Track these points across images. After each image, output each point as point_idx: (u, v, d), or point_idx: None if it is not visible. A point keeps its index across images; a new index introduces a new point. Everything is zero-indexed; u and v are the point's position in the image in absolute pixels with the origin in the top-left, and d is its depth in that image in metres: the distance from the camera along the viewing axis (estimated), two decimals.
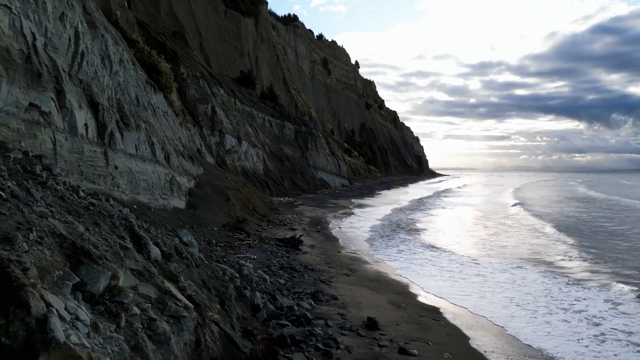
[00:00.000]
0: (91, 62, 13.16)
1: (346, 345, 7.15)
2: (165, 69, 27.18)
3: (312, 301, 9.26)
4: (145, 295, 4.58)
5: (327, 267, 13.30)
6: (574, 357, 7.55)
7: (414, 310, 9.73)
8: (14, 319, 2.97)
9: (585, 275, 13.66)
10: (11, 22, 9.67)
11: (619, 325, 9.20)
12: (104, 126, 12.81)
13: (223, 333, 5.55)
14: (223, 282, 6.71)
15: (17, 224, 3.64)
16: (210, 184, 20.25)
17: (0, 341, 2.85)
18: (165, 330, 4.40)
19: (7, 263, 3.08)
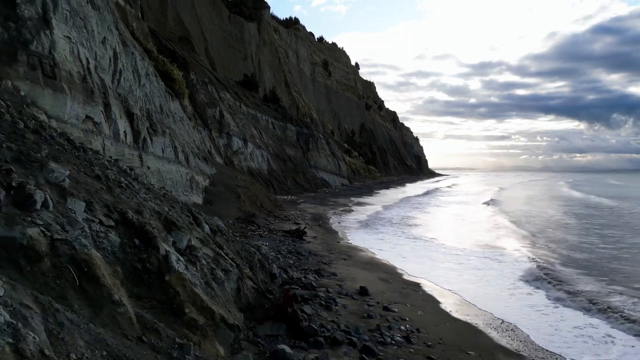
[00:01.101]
0: (126, 78, 15.42)
1: (343, 304, 9.40)
2: (178, 76, 29.41)
3: (316, 275, 11.53)
4: (207, 254, 6.83)
5: (328, 253, 15.56)
6: (502, 311, 9.95)
7: (398, 284, 11.98)
8: (151, 255, 5.22)
9: (523, 259, 16.03)
10: (71, 50, 11.94)
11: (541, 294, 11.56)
12: (138, 132, 15.06)
13: (254, 286, 7.81)
14: (250, 254, 8.97)
15: (137, 204, 5.90)
16: (223, 182, 22.50)
17: (147, 266, 5.10)
18: (222, 276, 6.65)
19: (144, 224, 5.33)
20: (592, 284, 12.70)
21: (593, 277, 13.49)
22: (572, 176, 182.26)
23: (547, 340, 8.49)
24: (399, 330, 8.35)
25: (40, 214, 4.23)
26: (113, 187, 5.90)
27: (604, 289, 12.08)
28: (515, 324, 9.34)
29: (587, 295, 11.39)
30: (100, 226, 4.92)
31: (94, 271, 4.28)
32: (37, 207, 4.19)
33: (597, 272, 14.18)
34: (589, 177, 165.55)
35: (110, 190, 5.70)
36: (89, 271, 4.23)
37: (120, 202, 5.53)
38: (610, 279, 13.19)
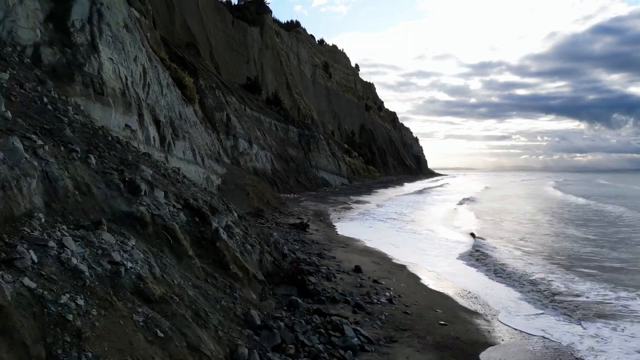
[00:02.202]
0: (153, 90, 17.75)
1: (340, 277, 11.73)
2: (189, 83, 31.70)
3: (318, 258, 13.86)
4: (238, 232, 9.16)
5: (328, 242, 17.88)
6: (468, 285, 12.32)
7: (387, 266, 14.29)
8: (206, 229, 7.54)
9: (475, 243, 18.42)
10: (114, 69, 14.28)
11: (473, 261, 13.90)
12: (164, 137, 17.39)
13: (271, 259, 10.14)
14: (266, 237, 11.30)
15: (192, 194, 8.21)
16: (233, 181, 24.84)
17: (204, 235, 7.43)
18: (249, 249, 8.99)
19: (201, 207, 7.66)
20: (536, 265, 15.05)
21: (538, 260, 15.94)
22: (567, 176, 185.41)
23: (499, 304, 10.79)
24: (384, 295, 10.67)
25: (143, 198, 6.56)
26: (174, 182, 8.23)
27: (549, 274, 14.20)
28: (477, 293, 11.66)
29: (527, 275, 13.63)
30: (174, 208, 7.25)
31: (177, 235, 6.61)
32: (141, 194, 6.52)
33: (538, 257, 16.62)
34: (583, 177, 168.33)
35: (174, 184, 8.04)
36: (174, 235, 6.56)
37: (182, 193, 7.87)
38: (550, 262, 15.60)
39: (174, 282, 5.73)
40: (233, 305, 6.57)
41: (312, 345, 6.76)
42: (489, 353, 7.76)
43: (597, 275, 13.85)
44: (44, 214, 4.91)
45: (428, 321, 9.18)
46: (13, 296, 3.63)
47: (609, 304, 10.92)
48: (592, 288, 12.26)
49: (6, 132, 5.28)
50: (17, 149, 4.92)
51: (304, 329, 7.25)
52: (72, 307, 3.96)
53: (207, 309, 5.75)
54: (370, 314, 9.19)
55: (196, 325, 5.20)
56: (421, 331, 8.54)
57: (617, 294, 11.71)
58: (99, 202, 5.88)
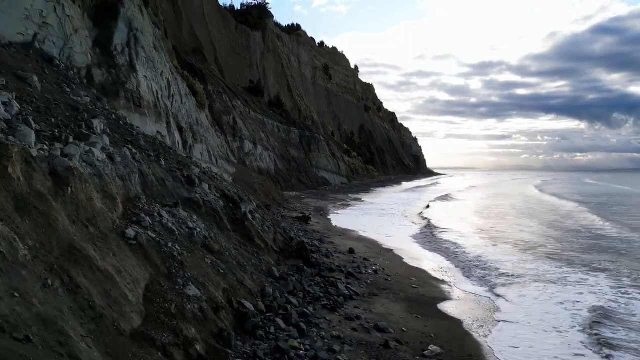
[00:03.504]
0: (176, 100, 20.54)
1: (337, 256, 14.52)
2: (200, 89, 34.47)
3: (319, 242, 16.64)
4: (258, 217, 11.96)
5: (328, 232, 20.68)
6: (439, 260, 15.17)
7: (377, 249, 17.08)
8: (238, 211, 10.35)
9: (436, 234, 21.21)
10: (147, 85, 17.07)
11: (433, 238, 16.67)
12: (185, 141, 20.17)
13: (282, 239, 12.95)
14: (277, 222, 14.11)
15: (225, 186, 11.01)
16: (242, 180, 27.62)
17: (237, 217, 10.23)
18: (267, 229, 11.78)
19: (234, 195, 10.47)
20: (489, 250, 17.88)
21: (490, 246, 18.78)
22: (561, 175, 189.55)
23: (458, 276, 13.58)
24: (371, 268, 13.46)
25: (197, 188, 9.36)
26: (212, 178, 11.02)
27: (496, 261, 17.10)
28: (447, 267, 14.46)
29: (480, 257, 16.46)
30: (215, 196, 10.04)
31: (220, 215, 9.41)
32: (196, 186, 9.31)
33: (490, 243, 19.52)
34: (574, 177, 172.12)
35: (212, 180, 10.83)
36: (218, 215, 9.36)
37: (218, 186, 10.66)
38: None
39: (222, 244, 8.52)
40: (259, 264, 9.38)
41: (314, 292, 9.56)
42: (444, 304, 10.56)
43: (538, 255, 16.97)
44: (144, 197, 7.68)
45: (403, 285, 11.98)
46: (146, 240, 6.42)
47: (535, 275, 13.75)
48: (532, 266, 15.09)
49: (115, 144, 8.07)
50: (126, 155, 7.69)
51: (309, 283, 10.07)
52: (175, 249, 6.76)
53: (244, 262, 8.54)
54: (359, 280, 11.98)
55: (239, 269, 7.99)
56: (397, 291, 11.34)
57: (545, 268, 14.76)
58: (170, 190, 8.65)
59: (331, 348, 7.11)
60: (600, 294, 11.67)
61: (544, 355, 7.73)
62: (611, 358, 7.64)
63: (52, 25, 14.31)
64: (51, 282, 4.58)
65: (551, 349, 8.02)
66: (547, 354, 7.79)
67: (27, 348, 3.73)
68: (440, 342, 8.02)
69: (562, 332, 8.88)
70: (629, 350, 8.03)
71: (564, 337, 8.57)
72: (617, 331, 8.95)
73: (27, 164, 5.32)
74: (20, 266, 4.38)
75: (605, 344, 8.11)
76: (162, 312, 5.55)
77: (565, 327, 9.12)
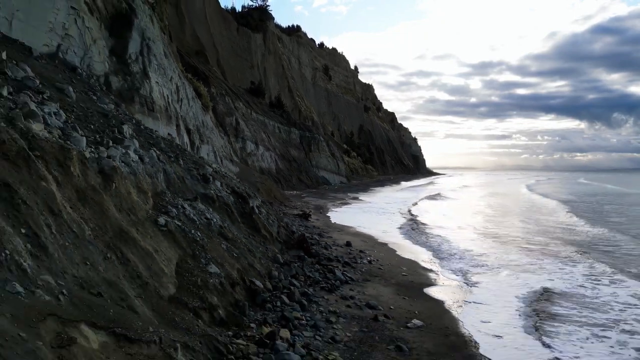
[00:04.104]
0: (184, 103, 21.83)
1: (335, 248, 15.82)
2: (204, 92, 35.75)
3: (319, 236, 17.95)
4: (263, 211, 13.26)
5: (327, 227, 21.98)
6: (429, 253, 16.47)
7: (372, 243, 18.39)
8: (246, 206, 11.66)
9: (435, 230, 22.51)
10: (159, 91, 18.37)
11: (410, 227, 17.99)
12: (193, 142, 21.46)
13: (285, 232, 14.26)
14: (280, 217, 15.41)
15: (235, 184, 12.32)
16: (245, 179, 28.90)
17: (245, 210, 11.55)
18: (271, 222, 13.09)
19: (243, 192, 11.78)
20: (470, 244, 19.23)
21: (473, 240, 20.05)
22: (557, 175, 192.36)
23: (446, 266, 14.89)
24: (366, 259, 14.76)
25: (211, 185, 10.66)
26: (222, 176, 12.32)
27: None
28: (434, 259, 15.78)
29: (465, 250, 17.84)
30: (226, 192, 11.35)
31: (231, 209, 10.71)
32: (210, 183, 10.62)
33: (473, 237, 20.75)
34: (570, 176, 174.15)
35: (223, 177, 12.14)
36: (230, 209, 10.66)
37: (229, 183, 11.97)
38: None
39: (234, 233, 9.82)
40: (265, 251, 10.69)
41: (314, 277, 10.88)
42: (429, 288, 11.87)
43: (513, 247, 18.68)
44: (168, 192, 8.98)
45: (394, 273, 13.29)
46: (174, 227, 7.73)
47: (507, 265, 15.11)
48: (512, 257, 16.44)
49: (142, 146, 9.37)
50: (153, 156, 8.99)
51: (309, 270, 11.38)
52: (197, 235, 8.06)
53: (253, 249, 9.85)
54: (354, 268, 13.28)
55: (250, 255, 9.30)
56: (388, 277, 12.65)
57: (516, 258, 16.39)
58: (189, 187, 9.95)
59: (328, 319, 8.42)
60: (558, 280, 13.27)
61: (497, 324, 9.29)
62: (540, 322, 9.35)
63: (73, 37, 15.61)
64: (109, 255, 5.89)
65: (502, 319, 9.57)
66: (499, 323, 9.30)
67: (101, 300, 5.05)
68: (422, 318, 9.33)
69: (514, 307, 10.40)
70: (559, 317, 9.85)
71: (514, 311, 10.12)
72: (561, 306, 10.62)
73: (82, 164, 6.63)
74: (88, 242, 5.69)
75: (542, 315, 9.86)
76: (190, 283, 6.86)
77: (518, 304, 10.69)
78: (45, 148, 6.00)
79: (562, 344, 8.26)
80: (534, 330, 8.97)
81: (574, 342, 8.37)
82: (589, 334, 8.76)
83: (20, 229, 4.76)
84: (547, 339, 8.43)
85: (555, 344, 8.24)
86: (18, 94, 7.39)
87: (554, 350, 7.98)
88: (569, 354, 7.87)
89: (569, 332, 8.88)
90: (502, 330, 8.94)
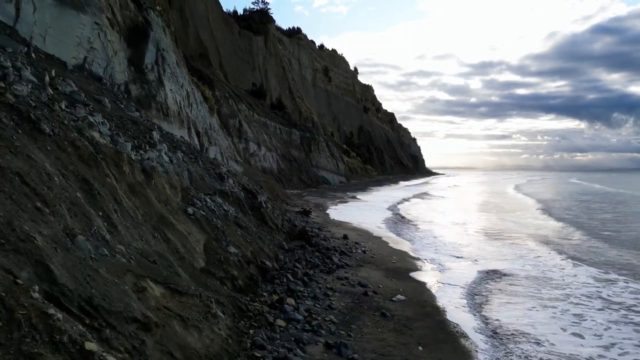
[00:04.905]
0: (194, 108, 23.57)
1: (333, 240, 17.56)
2: (209, 95, 37.47)
3: (318, 230, 19.69)
4: (269, 206, 15.01)
5: (326, 223, 23.72)
6: (416, 246, 18.19)
7: (367, 237, 20.13)
8: (255, 201, 13.42)
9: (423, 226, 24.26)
10: (172, 97, 20.10)
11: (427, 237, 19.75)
12: (202, 144, 23.19)
13: (288, 224, 16.00)
14: (284, 212, 17.16)
15: (245, 181, 14.06)
16: (250, 178, 30.64)
17: (255, 205, 13.30)
18: (276, 216, 14.84)
19: (252, 189, 13.53)
20: (449, 237, 20.99)
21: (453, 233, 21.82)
22: (554, 175, 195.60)
23: (430, 255, 16.64)
24: (361, 249, 16.50)
25: (225, 183, 12.41)
26: (234, 175, 14.06)
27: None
28: (421, 249, 17.53)
29: (446, 242, 19.62)
30: (238, 189, 13.08)
31: (243, 203, 12.46)
32: (225, 181, 12.36)
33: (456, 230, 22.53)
34: (568, 176, 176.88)
35: (234, 176, 13.88)
36: (242, 203, 12.40)
37: (239, 180, 13.71)
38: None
39: (246, 223, 11.56)
40: (272, 239, 12.43)
41: (314, 262, 12.63)
42: (415, 273, 13.62)
43: (487, 238, 20.51)
44: (192, 188, 10.72)
45: (385, 261, 15.03)
46: (200, 216, 9.47)
47: (481, 254, 16.87)
48: (489, 248, 18.21)
49: (170, 149, 11.10)
50: (179, 158, 10.72)
51: (310, 256, 13.13)
52: (218, 223, 9.80)
53: (262, 237, 11.59)
54: (349, 256, 15.03)
55: (260, 241, 11.04)
56: (379, 264, 14.39)
57: (488, 247, 18.27)
58: (208, 183, 11.69)
59: (326, 293, 10.17)
60: (515, 263, 15.53)
61: (461, 297, 11.18)
62: (476, 291, 11.60)
63: (97, 49, 17.35)
64: (156, 235, 7.63)
65: (464, 294, 11.36)
66: (462, 296, 11.15)
67: (156, 265, 6.80)
68: (406, 294, 11.07)
69: (468, 285, 12.25)
70: (515, 292, 11.88)
71: (473, 287, 12.09)
72: (518, 285, 12.65)
73: (130, 165, 8.37)
74: (140, 224, 7.44)
75: (499, 291, 11.90)
76: (215, 259, 8.60)
77: (471, 283, 12.59)
78: (105, 152, 7.74)
79: (508, 310, 10.22)
80: (486, 301, 10.87)
81: (520, 310, 10.27)
82: (536, 304, 10.60)
83: (98, 212, 6.51)
84: (499, 307, 10.34)
85: (503, 309, 10.22)
86: (73, 107, 9.12)
87: (501, 314, 9.86)
88: (513, 318, 9.71)
89: (517, 303, 10.80)
90: (463, 302, 10.77)
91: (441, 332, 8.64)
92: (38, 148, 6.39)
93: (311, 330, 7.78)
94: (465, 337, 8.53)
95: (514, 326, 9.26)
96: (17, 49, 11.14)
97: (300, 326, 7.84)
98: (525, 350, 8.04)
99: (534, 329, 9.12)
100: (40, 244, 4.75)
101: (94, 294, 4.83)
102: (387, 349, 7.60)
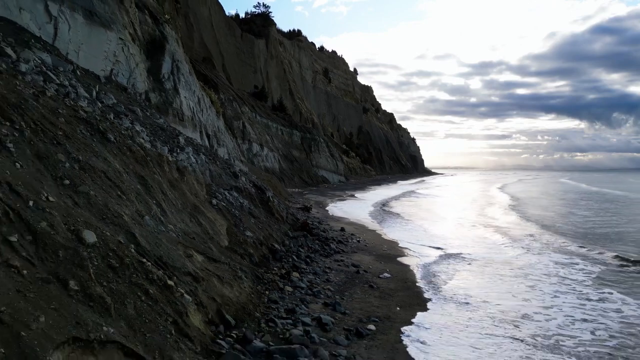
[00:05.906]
0: (204, 112, 25.71)
1: (331, 232, 19.72)
2: (215, 99, 39.58)
3: (318, 223, 21.86)
4: (275, 200, 17.17)
5: (325, 218, 25.90)
6: (408, 237, 20.39)
7: (363, 230, 22.29)
8: (264, 195, 15.59)
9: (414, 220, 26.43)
10: (186, 104, 22.25)
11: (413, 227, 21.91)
12: (212, 146, 25.32)
13: (292, 217, 18.17)
14: (288, 207, 19.32)
15: (255, 178, 16.23)
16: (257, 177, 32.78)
17: (263, 199, 15.46)
18: (282, 209, 17.00)
19: (261, 185, 15.71)
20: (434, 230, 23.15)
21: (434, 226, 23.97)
22: (551, 174, 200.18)
23: (414, 245, 18.80)
24: (356, 239, 18.67)
25: (239, 180, 14.57)
26: (244, 173, 16.21)
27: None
28: (409, 240, 19.72)
29: (432, 235, 21.81)
30: (249, 185, 15.24)
31: (254, 197, 14.62)
32: (238, 178, 14.52)
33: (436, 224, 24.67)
34: (555, 175, 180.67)
35: (245, 174, 16.03)
36: (252, 197, 14.57)
37: (249, 178, 15.87)
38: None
39: (257, 214, 13.72)
40: (279, 228, 14.60)
41: (315, 247, 14.80)
42: (402, 258, 15.79)
43: (460, 228, 22.29)
44: (213, 184, 12.89)
45: (377, 249, 17.19)
46: (222, 207, 11.63)
47: (459, 245, 19.04)
48: (471, 238, 20.40)
49: (194, 152, 13.25)
50: (202, 159, 12.87)
51: (311, 243, 15.31)
52: (236, 213, 11.96)
53: (271, 225, 13.75)
54: (345, 245, 17.20)
55: (269, 228, 13.20)
56: (371, 251, 16.56)
57: (464, 240, 19.99)
58: (225, 181, 13.83)
59: (324, 271, 12.33)
60: (474, 248, 18.25)
61: (439, 274, 13.44)
62: (460, 272, 13.72)
63: (121, 62, 19.49)
64: (192, 219, 9.80)
65: (437, 272, 13.53)
66: (439, 273, 13.28)
67: (195, 240, 8.97)
68: (391, 272, 13.23)
69: (444, 264, 14.42)
70: (477, 268, 14.26)
71: (443, 267, 14.14)
72: (476, 263, 15.18)
73: (168, 165, 10.53)
74: (180, 211, 9.60)
75: (463, 268, 14.26)
76: (236, 240, 10.75)
77: (442, 263, 14.86)
78: (151, 155, 9.91)
79: (466, 280, 12.49)
80: (453, 275, 13.16)
81: (479, 281, 12.54)
82: (493, 275, 12.88)
83: (153, 200, 8.67)
84: (458, 279, 12.69)
85: (462, 279, 12.51)
86: (119, 118, 11.27)
87: (463, 283, 12.10)
88: (472, 286, 11.93)
89: (474, 275, 13.08)
90: (438, 279, 12.97)
91: (416, 298, 10.81)
92: (108, 152, 8.54)
93: (312, 294, 9.94)
94: (431, 301, 10.74)
95: (474, 292, 11.47)
96: (66, 68, 13.28)
97: (304, 291, 10.00)
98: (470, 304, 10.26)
99: (487, 294, 11.35)
100: (127, 219, 6.91)
101: (162, 254, 7.00)
102: (372, 309, 9.76)
